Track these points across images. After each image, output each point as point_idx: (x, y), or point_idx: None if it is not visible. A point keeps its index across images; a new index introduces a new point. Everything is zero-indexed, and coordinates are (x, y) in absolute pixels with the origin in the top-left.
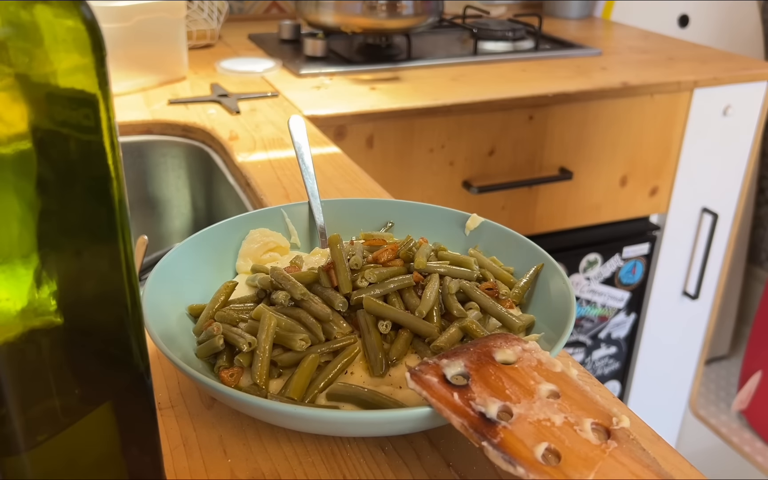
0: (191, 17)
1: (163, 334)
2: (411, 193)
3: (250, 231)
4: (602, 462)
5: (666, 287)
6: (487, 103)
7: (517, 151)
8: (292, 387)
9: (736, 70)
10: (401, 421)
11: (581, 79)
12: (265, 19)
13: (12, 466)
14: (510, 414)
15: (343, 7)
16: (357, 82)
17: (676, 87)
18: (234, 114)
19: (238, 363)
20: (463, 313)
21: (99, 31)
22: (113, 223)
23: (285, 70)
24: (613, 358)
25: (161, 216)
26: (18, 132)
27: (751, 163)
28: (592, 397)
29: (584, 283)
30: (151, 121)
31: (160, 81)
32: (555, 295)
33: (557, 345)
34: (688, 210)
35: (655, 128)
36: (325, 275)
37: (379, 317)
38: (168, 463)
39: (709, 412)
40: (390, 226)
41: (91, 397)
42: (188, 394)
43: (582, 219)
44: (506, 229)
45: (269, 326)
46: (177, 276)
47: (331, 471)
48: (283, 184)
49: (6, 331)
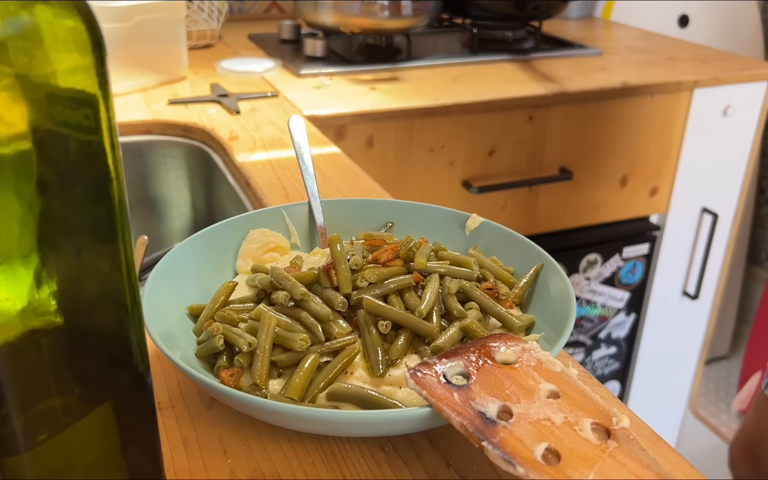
0: (191, 17)
1: (163, 334)
2: (411, 193)
3: (250, 231)
4: (602, 462)
5: (666, 287)
6: (487, 103)
7: (517, 151)
8: (292, 387)
9: (736, 70)
10: (401, 421)
11: (581, 79)
12: (265, 19)
13: (12, 466)
14: (510, 414)
15: (341, 8)
16: (357, 82)
17: (676, 87)
18: (234, 114)
19: (238, 363)
20: (463, 313)
21: (99, 31)
22: (113, 223)
23: (285, 70)
24: (613, 358)
25: (161, 216)
26: (18, 132)
27: (751, 163)
28: (592, 397)
29: (584, 283)
30: (151, 121)
31: (160, 81)
32: (555, 295)
33: (557, 345)
34: (688, 210)
35: (655, 128)
36: (325, 275)
37: (379, 317)
38: (168, 463)
39: (709, 412)
40: (390, 226)
41: (91, 397)
42: (188, 394)
43: (582, 219)
44: (506, 229)
45: (269, 326)
46: (177, 276)
47: (331, 471)
48: (283, 184)
49: (6, 332)
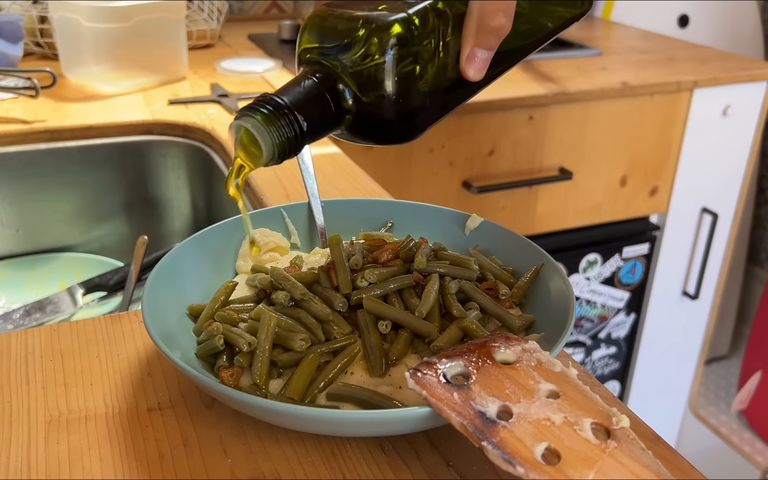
0: (191, 17)
1: (163, 334)
2: (411, 193)
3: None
4: (602, 462)
5: (666, 287)
6: (487, 103)
7: (517, 151)
8: (292, 387)
9: (736, 70)
10: (401, 421)
11: (581, 79)
12: (265, 19)
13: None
14: (510, 414)
15: None
16: None
17: (676, 87)
18: (234, 114)
19: (238, 363)
20: (463, 313)
21: None
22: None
23: (285, 70)
24: (613, 358)
25: (161, 216)
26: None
27: (751, 163)
28: (592, 397)
29: (584, 283)
30: (151, 121)
31: (160, 81)
32: (555, 295)
33: (557, 345)
34: (688, 210)
35: (655, 128)
36: (325, 275)
37: (379, 317)
38: (168, 463)
39: (709, 412)
40: (390, 226)
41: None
42: (188, 394)
43: (582, 219)
44: (506, 229)
45: (269, 326)
46: (177, 276)
47: (331, 471)
48: (283, 184)
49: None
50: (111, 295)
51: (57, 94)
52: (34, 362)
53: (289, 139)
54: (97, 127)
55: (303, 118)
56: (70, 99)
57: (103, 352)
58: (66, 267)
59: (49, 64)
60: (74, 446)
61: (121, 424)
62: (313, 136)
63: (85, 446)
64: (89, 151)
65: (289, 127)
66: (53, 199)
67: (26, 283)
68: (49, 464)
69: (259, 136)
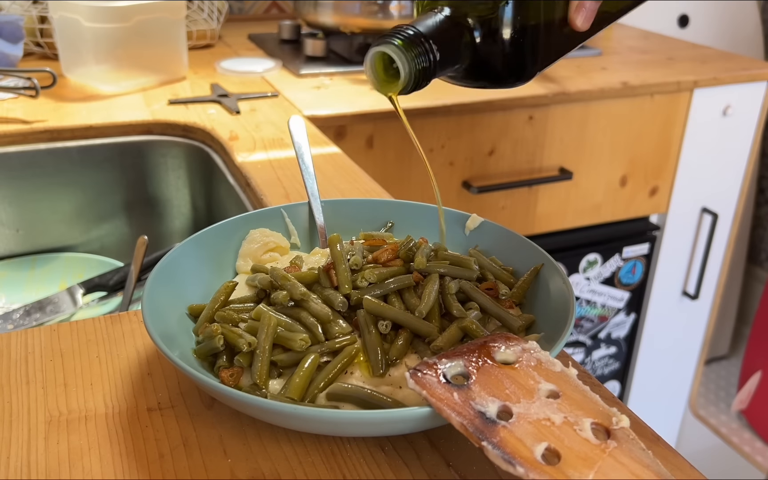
0: (191, 17)
1: (163, 334)
2: (411, 193)
3: (250, 231)
4: (602, 462)
5: (666, 287)
6: (487, 103)
7: (517, 151)
8: (292, 387)
9: (736, 70)
10: (401, 421)
11: (581, 79)
12: (265, 19)
13: None
14: (510, 414)
15: (341, 8)
16: (357, 82)
17: (676, 87)
18: (234, 114)
19: (238, 363)
20: (463, 313)
21: None
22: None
23: (285, 70)
24: (613, 358)
25: (161, 216)
26: None
27: (751, 163)
28: (591, 397)
29: (584, 283)
30: (151, 121)
31: (160, 81)
32: (555, 295)
33: (557, 345)
34: (687, 210)
35: (655, 128)
36: (325, 275)
37: (379, 317)
38: (168, 463)
39: (709, 412)
40: (390, 226)
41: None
42: (188, 394)
43: (582, 219)
44: (506, 229)
45: (269, 326)
46: (177, 276)
47: (331, 471)
48: (283, 184)
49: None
50: (111, 295)
51: (57, 94)
52: (34, 362)
53: (424, 68)
54: (97, 127)
55: (437, 48)
56: (70, 99)
57: (103, 352)
58: (66, 267)
59: (49, 64)
60: (74, 446)
61: (121, 424)
62: (441, 69)
63: (85, 446)
64: (89, 151)
65: (425, 57)
66: (53, 199)
67: (26, 283)
68: (49, 464)
69: (398, 60)
